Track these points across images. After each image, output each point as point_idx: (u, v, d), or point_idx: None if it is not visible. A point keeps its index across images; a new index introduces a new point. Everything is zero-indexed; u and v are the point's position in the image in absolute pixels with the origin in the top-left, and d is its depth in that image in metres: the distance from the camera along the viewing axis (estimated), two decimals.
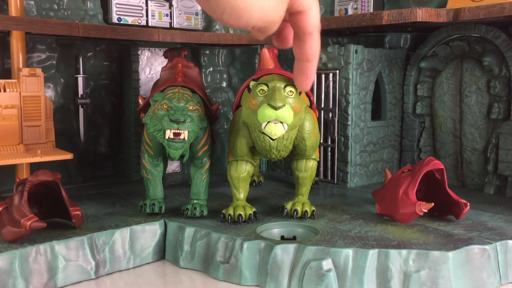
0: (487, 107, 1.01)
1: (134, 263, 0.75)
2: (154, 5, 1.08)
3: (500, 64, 0.98)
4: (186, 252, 0.74)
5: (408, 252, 0.65)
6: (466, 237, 0.71)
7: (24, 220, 0.65)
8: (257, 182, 1.06)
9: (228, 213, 0.77)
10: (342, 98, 1.05)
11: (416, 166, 0.78)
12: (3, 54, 1.00)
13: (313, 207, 0.81)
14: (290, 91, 0.71)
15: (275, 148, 0.76)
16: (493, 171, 1.00)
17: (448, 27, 1.04)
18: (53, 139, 0.94)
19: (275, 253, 0.67)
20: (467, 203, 0.77)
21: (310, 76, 0.45)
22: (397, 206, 0.75)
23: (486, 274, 0.67)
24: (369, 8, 1.12)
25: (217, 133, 1.25)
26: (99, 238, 0.72)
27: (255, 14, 0.35)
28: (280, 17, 0.39)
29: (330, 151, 1.09)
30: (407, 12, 0.90)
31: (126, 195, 0.97)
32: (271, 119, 0.68)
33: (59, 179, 0.72)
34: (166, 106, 0.74)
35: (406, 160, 1.13)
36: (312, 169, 0.84)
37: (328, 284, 0.64)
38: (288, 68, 1.14)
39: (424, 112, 1.12)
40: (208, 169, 0.83)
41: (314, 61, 0.44)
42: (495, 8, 0.83)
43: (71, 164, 1.10)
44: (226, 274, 0.69)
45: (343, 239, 0.70)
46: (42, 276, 0.66)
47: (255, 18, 0.36)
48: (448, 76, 1.07)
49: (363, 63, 1.04)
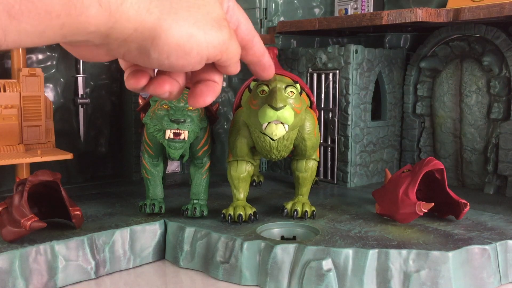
0: (487, 107, 1.01)
1: (134, 263, 0.75)
2: None
3: (500, 64, 0.98)
4: (186, 252, 0.74)
5: (408, 252, 0.65)
6: (466, 237, 0.71)
7: (24, 220, 0.65)
8: (257, 182, 1.06)
9: (228, 213, 0.77)
10: (342, 98, 1.05)
11: (416, 166, 0.78)
12: (3, 54, 1.00)
13: (313, 207, 0.81)
14: (291, 92, 0.71)
15: (275, 149, 0.76)
16: (493, 171, 1.00)
17: (448, 27, 1.04)
18: (53, 139, 0.94)
19: (275, 253, 0.67)
20: (467, 203, 0.77)
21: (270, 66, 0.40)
22: (397, 206, 0.75)
23: (486, 274, 0.67)
24: (369, 8, 1.12)
25: (217, 133, 1.25)
26: (99, 238, 0.72)
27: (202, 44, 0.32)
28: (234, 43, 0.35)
29: (330, 151, 1.09)
30: (407, 12, 0.90)
31: (126, 195, 0.97)
32: (271, 119, 0.68)
33: (59, 179, 0.72)
34: (166, 106, 0.74)
35: (406, 160, 1.13)
36: (312, 169, 0.84)
37: (328, 284, 0.64)
38: (288, 68, 1.14)
39: (424, 112, 1.12)
40: (208, 169, 0.83)
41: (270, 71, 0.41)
42: (495, 8, 0.83)
43: (71, 164, 1.10)
44: (226, 274, 0.69)
45: (343, 239, 0.70)
46: (42, 276, 0.66)
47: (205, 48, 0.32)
48: (448, 76, 1.07)
49: (363, 63, 1.04)
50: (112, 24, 0.29)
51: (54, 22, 0.27)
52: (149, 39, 0.30)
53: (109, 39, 0.30)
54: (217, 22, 0.33)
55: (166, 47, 0.31)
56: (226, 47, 0.33)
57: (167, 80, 0.35)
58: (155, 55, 0.31)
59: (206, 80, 0.37)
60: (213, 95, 0.37)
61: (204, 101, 0.37)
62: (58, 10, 0.27)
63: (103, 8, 0.28)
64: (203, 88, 0.37)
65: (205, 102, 0.37)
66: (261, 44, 0.39)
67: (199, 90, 0.37)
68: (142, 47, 0.31)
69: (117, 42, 0.30)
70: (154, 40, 0.30)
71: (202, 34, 0.32)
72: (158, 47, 0.30)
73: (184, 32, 0.31)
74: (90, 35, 0.29)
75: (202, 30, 0.32)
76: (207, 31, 0.32)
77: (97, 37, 0.29)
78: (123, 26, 0.29)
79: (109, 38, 0.30)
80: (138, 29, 0.30)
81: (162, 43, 0.30)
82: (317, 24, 1.05)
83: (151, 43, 0.30)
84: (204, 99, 0.37)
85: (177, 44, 0.31)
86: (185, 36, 0.31)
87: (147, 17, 0.30)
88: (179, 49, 0.31)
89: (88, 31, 0.29)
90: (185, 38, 0.31)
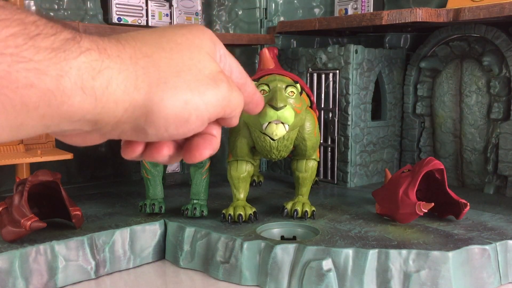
0: (487, 107, 1.01)
1: (134, 263, 0.75)
2: (154, 5, 1.08)
3: (500, 64, 0.98)
4: (186, 252, 0.74)
5: (408, 252, 0.65)
6: (466, 237, 0.71)
7: (24, 220, 0.65)
8: (257, 182, 1.06)
9: (228, 213, 0.77)
10: (342, 98, 1.05)
11: (416, 166, 0.78)
12: None
13: (313, 207, 0.81)
14: (291, 92, 0.71)
15: (275, 148, 0.76)
16: (493, 171, 1.00)
17: (448, 27, 1.04)
18: (53, 139, 0.94)
19: (275, 253, 0.67)
20: (467, 203, 0.77)
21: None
22: (397, 206, 0.75)
23: (486, 274, 0.67)
24: (369, 8, 1.12)
25: None
26: (99, 238, 0.72)
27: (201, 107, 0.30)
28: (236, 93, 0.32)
29: (330, 151, 1.09)
30: (407, 12, 0.90)
31: (126, 195, 0.97)
32: (272, 119, 0.68)
33: (59, 179, 0.72)
34: None
35: (406, 160, 1.13)
36: (312, 169, 0.84)
37: (328, 284, 0.64)
38: (288, 68, 1.14)
39: (424, 112, 1.12)
40: (208, 169, 0.83)
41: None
42: (495, 8, 0.83)
43: (71, 164, 1.10)
44: (226, 274, 0.69)
45: (343, 239, 0.70)
46: (42, 276, 0.66)
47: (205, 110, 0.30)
48: (448, 76, 1.07)
49: (363, 63, 1.04)
50: (100, 110, 0.27)
51: (33, 114, 0.25)
52: (142, 117, 0.28)
53: (100, 125, 0.28)
54: (212, 79, 0.30)
55: (162, 121, 0.29)
56: (227, 101, 0.31)
57: (165, 144, 0.32)
58: (152, 131, 0.29)
59: (203, 133, 0.33)
60: (211, 149, 0.33)
61: (201, 155, 0.33)
62: (35, 102, 0.24)
63: (87, 94, 0.26)
64: (199, 141, 0.33)
65: (202, 156, 0.33)
66: (252, 84, 0.37)
67: (195, 143, 0.33)
68: (137, 126, 0.29)
69: (109, 126, 0.28)
70: (147, 117, 0.28)
71: (198, 97, 0.29)
72: (153, 123, 0.29)
73: (177, 100, 0.29)
74: (77, 123, 0.27)
75: (197, 92, 0.29)
76: (203, 92, 0.30)
77: (85, 124, 0.27)
78: (111, 110, 0.27)
79: (99, 123, 0.28)
80: (128, 109, 0.28)
81: (156, 117, 0.28)
82: (317, 24, 1.05)
83: (145, 120, 0.28)
84: (201, 152, 0.33)
85: (173, 115, 0.29)
86: (180, 104, 0.29)
87: (136, 95, 0.28)
88: (177, 119, 0.29)
89: (73, 120, 0.26)
90: (180, 106, 0.29)
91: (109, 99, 0.27)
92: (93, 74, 0.26)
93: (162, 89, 0.28)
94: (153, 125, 0.29)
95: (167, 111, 0.28)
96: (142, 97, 0.28)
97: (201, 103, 0.30)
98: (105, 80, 0.26)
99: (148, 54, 0.29)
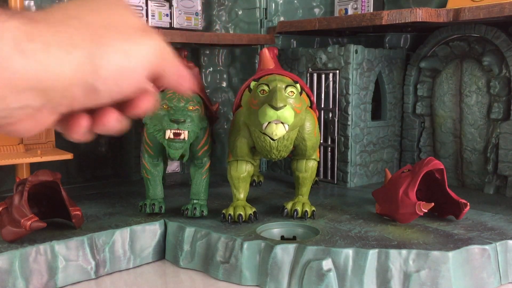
0: (487, 107, 1.01)
1: (134, 263, 0.75)
2: (154, 5, 1.08)
3: (500, 64, 0.98)
4: (186, 252, 0.74)
5: (408, 252, 0.65)
6: (466, 237, 0.71)
7: (24, 220, 0.65)
8: (257, 182, 1.06)
9: (228, 213, 0.77)
10: (342, 98, 1.05)
11: (416, 166, 0.78)
12: None
13: (313, 207, 0.81)
14: (291, 92, 0.71)
15: (275, 148, 0.76)
16: (493, 171, 1.00)
17: (448, 27, 1.04)
18: (53, 139, 0.94)
19: (275, 253, 0.67)
20: (467, 203, 0.77)
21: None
22: (397, 206, 0.75)
23: (486, 274, 0.67)
24: (369, 8, 1.12)
25: (217, 133, 1.25)
26: (99, 238, 0.72)
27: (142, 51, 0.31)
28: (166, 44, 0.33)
29: (330, 151, 1.09)
30: (407, 12, 0.90)
31: (126, 195, 0.97)
32: (272, 119, 0.68)
33: (59, 179, 0.72)
34: (166, 106, 0.74)
35: (406, 160, 1.13)
36: (312, 169, 0.84)
37: (328, 284, 0.64)
38: (288, 68, 1.14)
39: (424, 112, 1.12)
40: (208, 169, 0.83)
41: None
42: (495, 8, 0.83)
43: (71, 164, 1.10)
44: (226, 274, 0.69)
45: (343, 239, 0.70)
46: (42, 276, 0.66)
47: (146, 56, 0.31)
48: (448, 76, 1.07)
49: (363, 63, 1.04)
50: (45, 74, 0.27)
51: None
52: (91, 74, 0.28)
53: (49, 94, 0.28)
54: (144, 31, 0.31)
55: (110, 73, 0.29)
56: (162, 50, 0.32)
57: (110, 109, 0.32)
58: (103, 87, 0.29)
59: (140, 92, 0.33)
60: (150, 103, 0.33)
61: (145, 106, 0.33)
62: None
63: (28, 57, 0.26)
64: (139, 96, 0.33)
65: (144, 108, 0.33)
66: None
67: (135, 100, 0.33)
68: (88, 86, 0.29)
69: (59, 93, 0.28)
70: (96, 72, 0.28)
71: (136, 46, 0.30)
72: (103, 78, 0.29)
73: (119, 51, 0.29)
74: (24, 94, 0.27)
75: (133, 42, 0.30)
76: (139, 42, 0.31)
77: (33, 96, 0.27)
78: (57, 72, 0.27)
79: (48, 92, 0.27)
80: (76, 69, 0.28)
81: (105, 71, 0.29)
82: (317, 24, 1.05)
83: (95, 77, 0.28)
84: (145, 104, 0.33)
85: (120, 67, 0.29)
86: (123, 55, 0.29)
87: (78, 53, 0.28)
88: (123, 69, 0.29)
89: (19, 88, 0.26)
90: (123, 57, 0.29)
91: (52, 61, 0.27)
92: (28, 37, 0.26)
93: (102, 43, 0.29)
94: (103, 80, 0.29)
95: (112, 62, 0.29)
96: (85, 53, 0.28)
97: (140, 52, 0.30)
98: (42, 42, 0.27)
99: (78, 16, 0.30)
